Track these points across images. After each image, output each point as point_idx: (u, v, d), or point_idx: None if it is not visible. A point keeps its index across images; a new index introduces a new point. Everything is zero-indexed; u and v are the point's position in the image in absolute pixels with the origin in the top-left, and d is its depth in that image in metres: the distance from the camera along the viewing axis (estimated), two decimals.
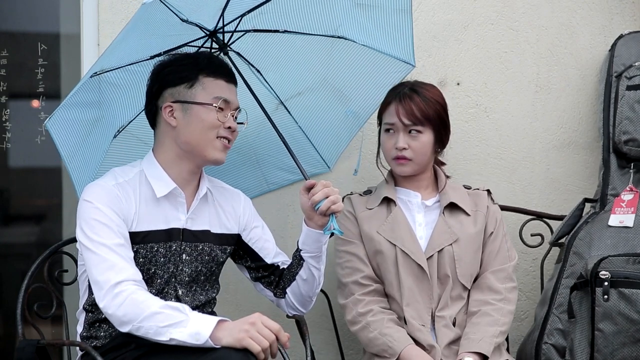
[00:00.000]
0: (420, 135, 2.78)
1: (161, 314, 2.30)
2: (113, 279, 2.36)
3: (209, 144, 2.52)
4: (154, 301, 2.34)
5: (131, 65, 2.64)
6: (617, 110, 3.11)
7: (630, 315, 2.71)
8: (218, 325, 2.28)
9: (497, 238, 2.83)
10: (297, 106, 3.02)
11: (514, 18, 3.33)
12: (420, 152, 2.79)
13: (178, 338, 2.28)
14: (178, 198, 2.55)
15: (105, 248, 2.40)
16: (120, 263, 2.39)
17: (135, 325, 2.32)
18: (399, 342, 2.66)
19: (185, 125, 2.52)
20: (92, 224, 2.43)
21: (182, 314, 2.30)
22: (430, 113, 2.77)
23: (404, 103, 2.77)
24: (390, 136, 2.81)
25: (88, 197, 2.47)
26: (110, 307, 2.35)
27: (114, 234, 2.42)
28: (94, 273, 2.39)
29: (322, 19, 2.81)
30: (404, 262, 2.76)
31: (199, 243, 2.58)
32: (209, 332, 2.26)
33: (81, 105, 2.57)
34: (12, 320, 2.64)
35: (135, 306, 2.32)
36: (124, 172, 2.55)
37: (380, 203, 2.84)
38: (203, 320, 2.29)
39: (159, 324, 2.29)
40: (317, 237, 2.63)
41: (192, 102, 2.51)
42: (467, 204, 2.85)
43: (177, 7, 2.51)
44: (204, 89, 2.52)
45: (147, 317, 2.30)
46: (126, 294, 2.34)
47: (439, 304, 2.76)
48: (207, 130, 2.52)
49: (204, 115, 2.51)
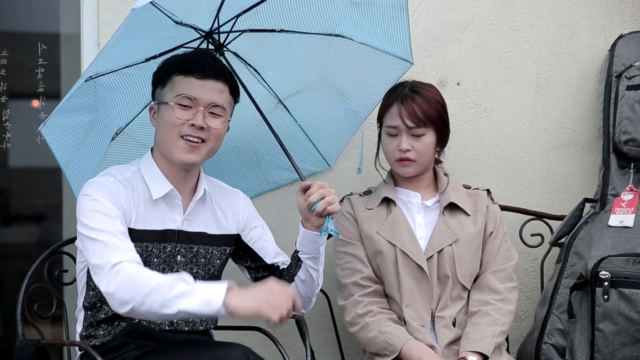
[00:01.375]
0: (423, 137, 2.78)
1: (165, 285, 2.24)
2: (113, 259, 2.31)
3: (172, 145, 2.49)
4: (155, 274, 2.28)
5: (127, 68, 2.64)
6: (617, 110, 3.11)
7: (630, 315, 2.71)
8: (229, 292, 2.22)
9: (496, 238, 2.83)
10: (296, 105, 3.02)
11: (514, 18, 3.33)
12: (423, 153, 2.79)
13: (187, 309, 2.21)
14: (175, 200, 2.55)
15: (106, 234, 2.37)
16: (122, 247, 2.35)
17: (138, 301, 2.24)
18: (399, 338, 2.66)
19: (157, 126, 2.54)
20: (91, 214, 2.41)
21: (187, 284, 2.24)
22: (432, 114, 2.77)
23: (406, 104, 2.76)
24: (392, 138, 2.80)
25: (86, 192, 2.46)
26: (110, 285, 2.28)
27: (114, 222, 2.40)
28: (94, 259, 2.34)
29: (318, 17, 2.82)
30: (404, 262, 2.76)
31: (194, 245, 2.57)
32: (221, 298, 2.20)
33: (76, 110, 2.56)
34: (12, 320, 2.63)
35: (135, 282, 2.26)
36: (121, 171, 2.54)
37: (380, 203, 2.84)
38: (212, 287, 2.23)
39: (165, 296, 2.22)
40: (314, 239, 2.62)
41: (160, 103, 2.52)
42: (466, 204, 2.84)
43: (170, 10, 2.51)
44: (172, 88, 2.50)
45: (150, 291, 2.24)
46: (124, 272, 2.28)
47: (439, 304, 2.75)
48: (169, 130, 2.49)
49: (166, 114, 2.50)
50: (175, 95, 2.49)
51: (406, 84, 2.85)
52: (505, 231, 2.87)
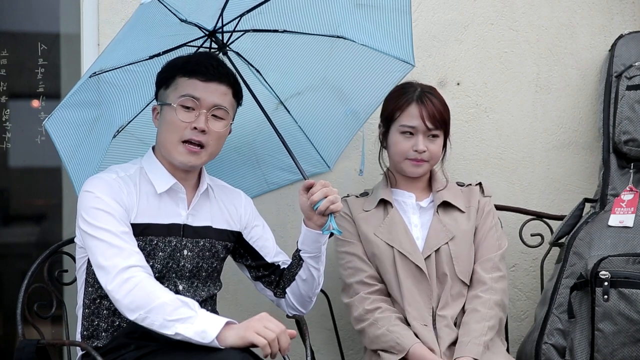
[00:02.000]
0: (437, 139, 2.81)
1: (170, 306, 2.27)
2: (121, 263, 2.33)
3: (172, 148, 2.50)
4: (164, 292, 2.31)
5: (130, 65, 2.64)
6: (617, 110, 3.11)
7: (630, 315, 2.71)
8: (226, 326, 2.26)
9: (482, 228, 2.83)
10: (297, 106, 3.02)
11: (514, 18, 3.33)
12: (436, 154, 2.83)
13: (183, 333, 2.26)
14: (179, 194, 2.55)
15: (109, 234, 2.38)
16: (127, 248, 2.37)
17: (141, 314, 2.28)
18: (407, 339, 2.66)
19: (160, 127, 2.54)
20: (94, 212, 2.41)
21: (191, 310, 2.28)
22: (446, 116, 2.82)
23: (427, 105, 2.78)
24: (407, 138, 2.80)
25: (89, 188, 2.46)
26: (118, 292, 2.31)
27: (117, 222, 2.41)
28: (100, 259, 2.36)
29: (321, 19, 2.82)
30: (402, 263, 2.76)
31: (200, 239, 2.58)
32: (216, 332, 2.24)
33: (80, 105, 2.56)
34: (12, 320, 2.64)
35: (144, 294, 2.29)
36: (124, 168, 2.55)
37: (376, 205, 2.84)
38: (211, 319, 2.27)
39: (167, 317, 2.26)
40: (316, 237, 2.62)
41: (163, 104, 2.52)
42: (460, 201, 2.85)
43: (176, 7, 2.51)
44: (176, 89, 2.50)
45: (155, 308, 2.27)
46: (136, 281, 2.31)
47: (439, 303, 2.75)
48: (171, 132, 2.49)
49: (168, 115, 2.50)
50: (178, 96, 2.49)
51: (415, 85, 2.85)
52: (495, 221, 2.86)
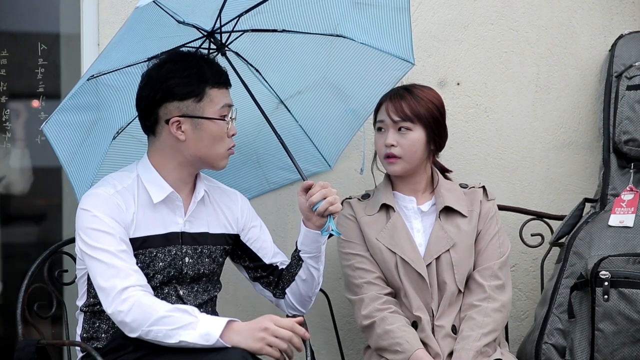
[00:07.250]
0: (409, 133, 2.76)
1: (169, 317, 2.31)
2: (119, 285, 2.35)
3: (221, 159, 2.54)
4: (162, 305, 2.34)
5: (129, 67, 2.64)
6: (617, 110, 3.10)
7: (630, 315, 2.71)
8: (228, 326, 2.29)
9: (485, 236, 2.80)
10: (297, 105, 3.02)
11: (514, 18, 3.33)
12: (409, 149, 2.77)
13: (188, 340, 2.29)
14: (175, 202, 2.55)
15: (107, 254, 2.39)
16: (125, 269, 2.39)
17: (144, 330, 2.32)
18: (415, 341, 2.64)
19: (196, 140, 2.50)
20: (91, 233, 2.42)
21: (191, 316, 2.31)
22: (420, 110, 2.76)
23: (394, 101, 2.78)
24: (381, 134, 2.81)
25: (86, 206, 2.45)
26: (118, 314, 2.35)
27: (115, 241, 2.41)
28: (99, 280, 2.39)
29: (320, 18, 2.82)
30: (404, 269, 2.74)
31: (198, 246, 2.58)
32: (219, 333, 2.27)
33: (78, 108, 2.56)
34: (12, 320, 2.64)
35: (142, 311, 2.32)
36: (121, 178, 2.52)
37: (379, 210, 2.82)
38: (212, 321, 2.31)
39: (168, 327, 2.30)
40: (315, 238, 2.62)
41: (202, 117, 2.49)
42: (463, 205, 2.81)
43: (172, 9, 2.51)
44: (212, 102, 2.50)
45: (155, 321, 2.31)
46: (133, 300, 2.34)
47: (437, 312, 2.73)
48: (220, 144, 2.52)
49: (215, 130, 2.51)
50: (219, 107, 2.50)
51: (404, 85, 2.85)
52: (499, 227, 2.83)
